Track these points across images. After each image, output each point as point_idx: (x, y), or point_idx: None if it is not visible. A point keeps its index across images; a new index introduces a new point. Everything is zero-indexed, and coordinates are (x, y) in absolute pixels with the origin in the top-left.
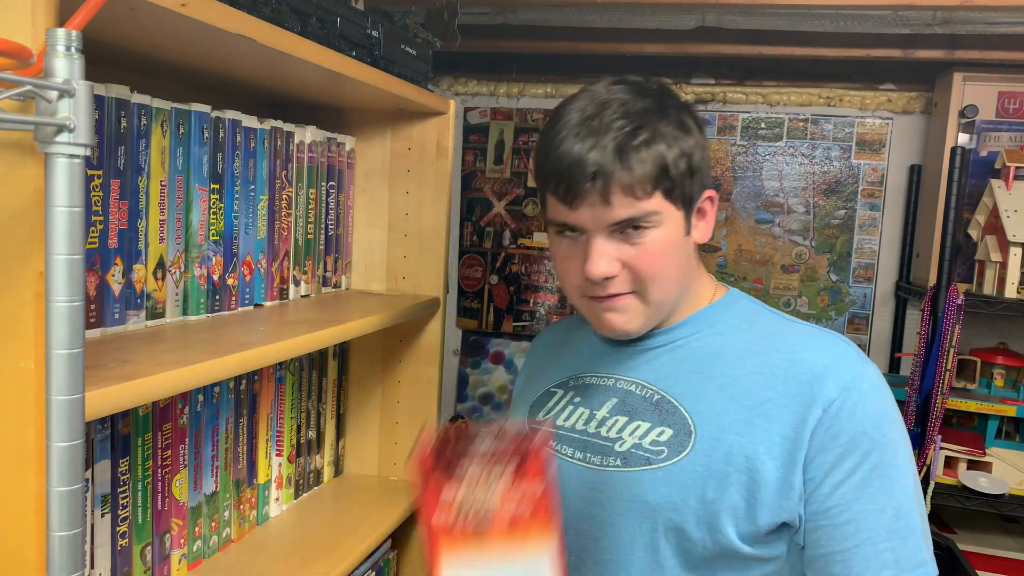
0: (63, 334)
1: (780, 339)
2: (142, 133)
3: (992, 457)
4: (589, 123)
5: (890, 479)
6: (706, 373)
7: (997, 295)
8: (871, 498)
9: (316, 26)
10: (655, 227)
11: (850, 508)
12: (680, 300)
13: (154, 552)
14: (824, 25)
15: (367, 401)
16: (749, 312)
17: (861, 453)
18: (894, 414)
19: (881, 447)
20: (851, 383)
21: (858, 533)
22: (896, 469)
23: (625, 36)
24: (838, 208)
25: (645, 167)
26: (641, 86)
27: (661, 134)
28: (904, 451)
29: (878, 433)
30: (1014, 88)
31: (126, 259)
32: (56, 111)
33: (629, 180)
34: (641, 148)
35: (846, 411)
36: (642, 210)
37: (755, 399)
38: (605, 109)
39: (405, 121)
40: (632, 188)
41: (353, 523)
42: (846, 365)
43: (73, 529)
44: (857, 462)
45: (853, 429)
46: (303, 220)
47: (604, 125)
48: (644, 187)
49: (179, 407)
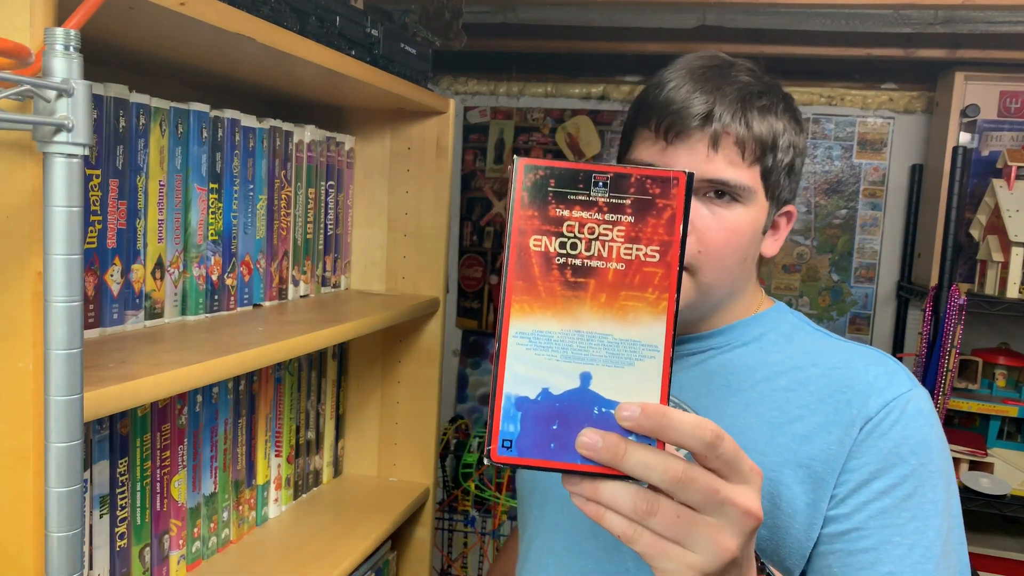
0: (61, 334)
1: (821, 355)
2: (141, 132)
3: (994, 458)
4: (715, 70)
5: (924, 514)
6: (733, 387)
7: (999, 295)
8: (898, 530)
9: (315, 25)
10: (743, 204)
11: (872, 536)
12: (724, 302)
13: (153, 553)
14: (825, 24)
15: (366, 402)
16: (791, 328)
17: (895, 477)
18: (940, 445)
19: (919, 477)
20: (894, 402)
21: (877, 566)
22: (933, 506)
23: (625, 35)
24: (839, 208)
25: (761, 129)
26: (764, 69)
27: (781, 113)
28: (945, 488)
29: (916, 460)
30: (1016, 87)
31: (124, 259)
32: (54, 110)
33: (744, 135)
34: (763, 111)
35: (883, 428)
36: (740, 179)
37: (784, 417)
38: (733, 66)
39: (405, 120)
40: (743, 144)
41: (352, 524)
42: (892, 384)
43: (72, 530)
44: (889, 485)
45: (889, 449)
46: (302, 220)
47: (730, 77)
48: (753, 151)
49: (178, 407)
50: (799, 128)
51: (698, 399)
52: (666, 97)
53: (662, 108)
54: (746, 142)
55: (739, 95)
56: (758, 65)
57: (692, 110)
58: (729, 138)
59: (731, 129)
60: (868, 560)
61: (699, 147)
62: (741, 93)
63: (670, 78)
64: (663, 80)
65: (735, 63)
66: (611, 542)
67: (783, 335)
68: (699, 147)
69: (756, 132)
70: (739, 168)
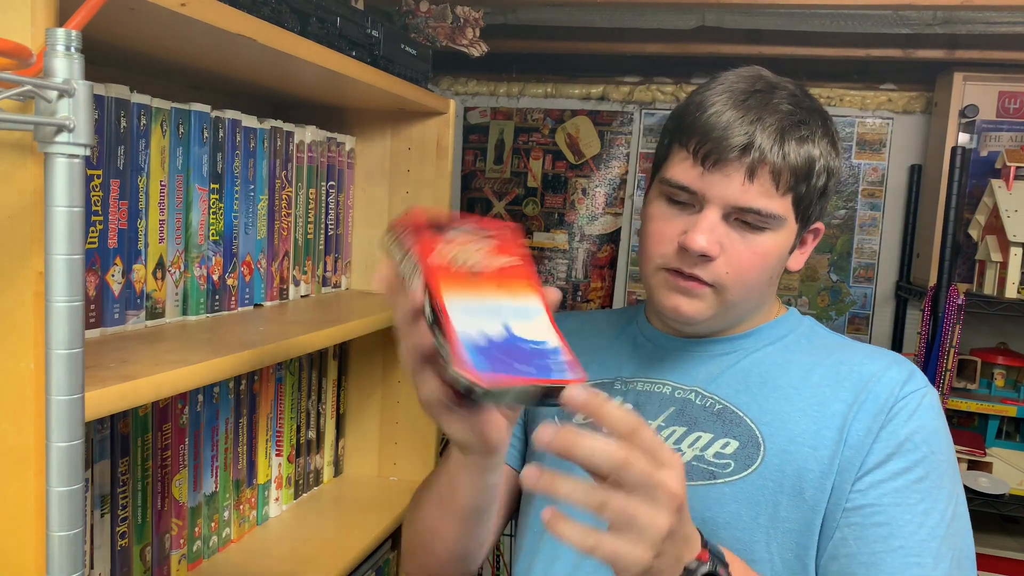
0: (63, 334)
1: (844, 354)
2: (142, 133)
3: (992, 457)
4: (757, 96)
5: (931, 498)
6: (770, 384)
7: (997, 295)
8: (909, 508)
9: (316, 26)
10: (772, 231)
11: (887, 511)
12: (750, 312)
13: (154, 552)
14: (824, 25)
15: (367, 401)
16: (810, 330)
17: (908, 461)
18: (947, 440)
19: (929, 464)
20: (912, 395)
21: (891, 539)
22: (940, 491)
23: (625, 36)
24: (838, 208)
25: (797, 159)
26: (805, 91)
27: (819, 140)
28: (951, 478)
29: (928, 448)
30: (1014, 88)
31: (126, 259)
32: (56, 111)
33: (780, 166)
34: (800, 141)
35: (902, 417)
36: (772, 209)
37: (824, 410)
38: (776, 90)
39: (405, 121)
40: (779, 175)
41: (353, 523)
42: (911, 381)
43: (73, 529)
44: (903, 468)
45: (905, 436)
46: (303, 220)
47: (772, 105)
48: (787, 181)
49: (179, 407)
50: (836, 151)
51: (737, 395)
52: (707, 122)
53: (703, 133)
54: (782, 172)
55: (779, 126)
56: (799, 86)
57: (732, 141)
58: (765, 168)
59: (768, 159)
60: (881, 534)
61: (735, 176)
62: (781, 124)
63: (712, 101)
64: (705, 102)
65: (777, 86)
66: None
67: (803, 335)
68: (735, 176)
69: (792, 162)
70: (772, 198)
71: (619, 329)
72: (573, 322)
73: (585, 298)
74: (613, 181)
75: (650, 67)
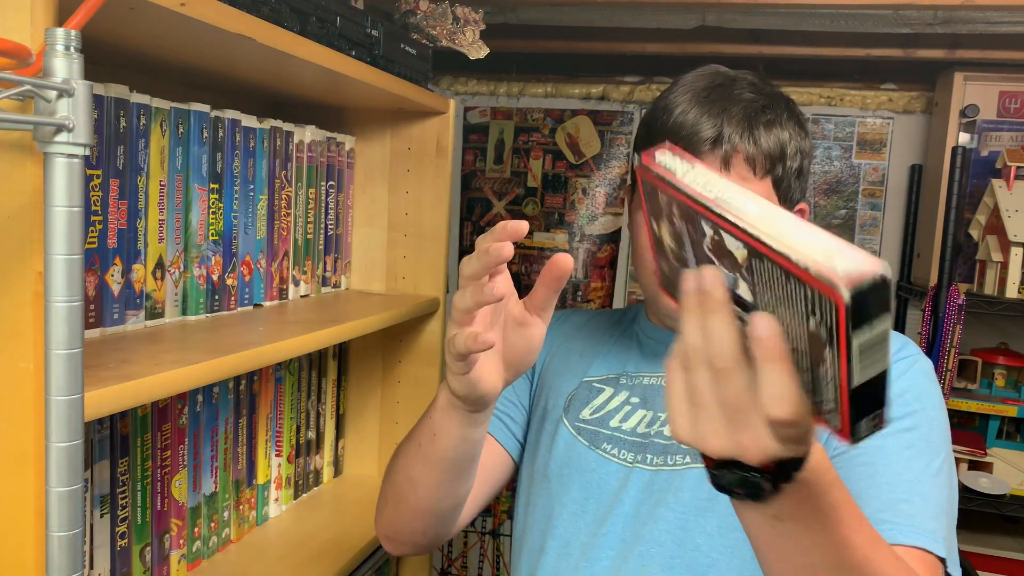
0: (62, 334)
1: None
2: (141, 133)
3: (993, 457)
4: (719, 90)
5: (919, 449)
6: None
7: (998, 295)
8: (897, 453)
9: (315, 25)
10: None
11: (871, 453)
12: None
13: (153, 552)
14: (824, 24)
15: (367, 401)
16: None
17: (898, 413)
18: (940, 405)
19: (919, 417)
20: (905, 360)
21: (876, 476)
22: (927, 445)
23: (625, 35)
24: (839, 208)
25: (768, 143)
26: (764, 79)
27: (786, 122)
28: (941, 436)
29: (918, 405)
30: (1015, 88)
31: (125, 259)
32: (55, 111)
33: (753, 152)
34: (768, 125)
35: (897, 372)
36: (753, 192)
37: None
38: (736, 81)
39: (405, 121)
40: (753, 160)
41: (353, 524)
42: (904, 348)
43: (72, 529)
44: (893, 416)
45: (897, 391)
46: (303, 220)
47: (734, 96)
48: (763, 164)
49: (178, 407)
50: (804, 132)
51: None
52: (675, 123)
53: (672, 134)
54: (755, 158)
55: (744, 114)
56: (758, 75)
57: (702, 135)
58: (739, 156)
59: (740, 148)
60: (867, 473)
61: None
62: (746, 111)
63: (677, 102)
64: (670, 104)
65: (736, 78)
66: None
67: None
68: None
69: (764, 147)
70: (751, 183)
71: (622, 327)
72: (577, 318)
73: (585, 298)
74: (613, 181)
75: (650, 67)
